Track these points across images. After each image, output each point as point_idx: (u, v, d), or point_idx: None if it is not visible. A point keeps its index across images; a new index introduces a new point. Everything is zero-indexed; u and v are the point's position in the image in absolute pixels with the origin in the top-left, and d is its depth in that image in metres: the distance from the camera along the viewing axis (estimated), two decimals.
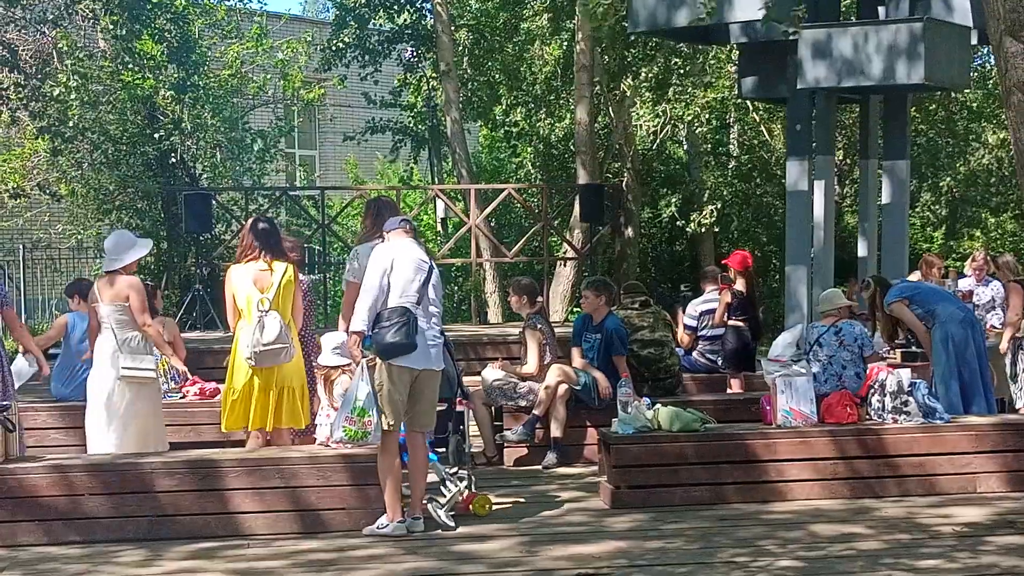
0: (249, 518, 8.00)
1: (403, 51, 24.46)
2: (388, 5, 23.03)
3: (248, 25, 22.23)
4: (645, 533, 7.86)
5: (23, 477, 7.94)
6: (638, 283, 12.77)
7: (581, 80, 20.99)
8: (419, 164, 26.78)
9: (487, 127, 26.86)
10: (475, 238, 19.32)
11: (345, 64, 23.29)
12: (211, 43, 21.59)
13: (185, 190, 18.71)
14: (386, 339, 7.74)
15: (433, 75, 23.92)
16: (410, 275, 7.89)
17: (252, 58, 21.57)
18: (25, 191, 20.47)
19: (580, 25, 20.45)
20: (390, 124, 23.92)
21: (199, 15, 21.08)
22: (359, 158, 29.97)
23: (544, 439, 10.19)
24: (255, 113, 23.31)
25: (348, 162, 30.54)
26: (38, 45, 20.02)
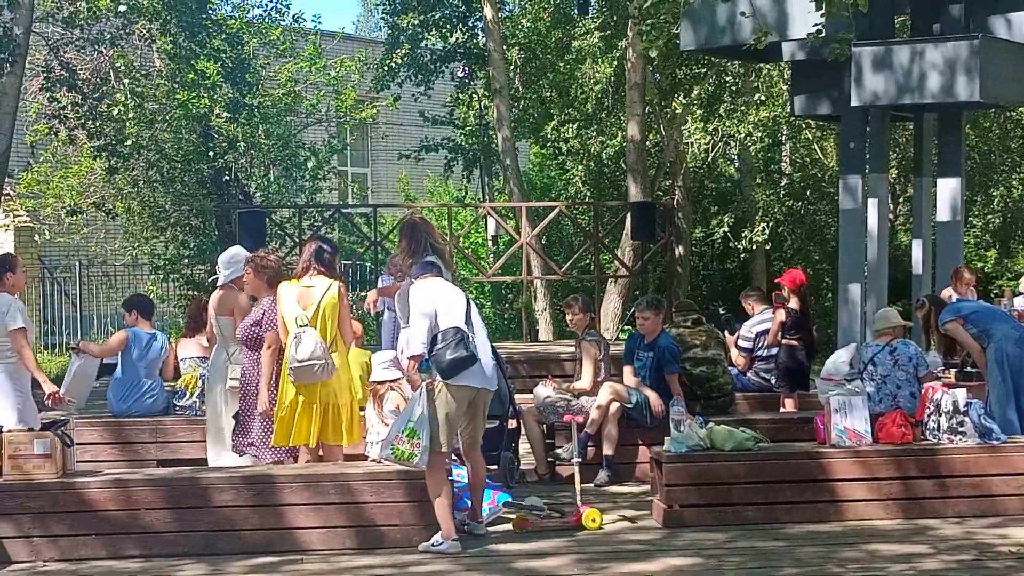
0: (305, 533, 8.06)
1: (455, 69, 24.57)
2: (441, 24, 23.14)
3: (302, 44, 22.42)
4: (701, 552, 7.84)
5: (82, 491, 8.03)
6: (690, 301, 12.77)
7: (632, 98, 21.01)
8: (471, 182, 26.88)
9: (538, 145, 26.92)
10: (526, 256, 19.37)
11: (398, 83, 23.42)
12: (265, 62, 21.79)
13: (239, 208, 18.88)
14: (447, 357, 7.80)
15: (485, 93, 24.02)
16: (453, 300, 8.07)
17: (306, 77, 21.74)
18: (81, 209, 20.70)
19: (632, 43, 20.47)
20: (442, 142, 24.04)
21: (254, 35, 21.27)
22: (410, 176, 30.11)
23: (596, 457, 10.19)
24: (308, 131, 23.49)
25: (400, 180, 30.68)
26: (95, 65, 20.27)
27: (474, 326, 8.10)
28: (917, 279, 16.34)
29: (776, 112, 22.31)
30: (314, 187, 22.06)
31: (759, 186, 25.33)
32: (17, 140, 17.66)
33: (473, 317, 8.13)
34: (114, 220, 21.51)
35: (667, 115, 23.44)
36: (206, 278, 19.99)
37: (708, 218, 25.66)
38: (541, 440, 10.43)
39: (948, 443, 8.92)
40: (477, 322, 8.16)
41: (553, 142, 25.17)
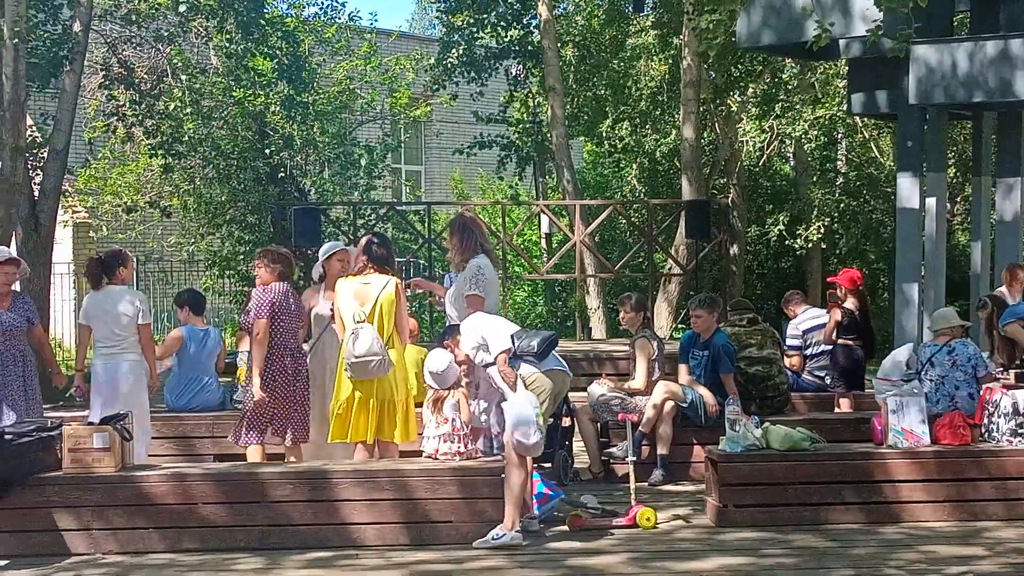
0: (360, 529, 8.09)
1: (510, 67, 24.58)
2: (495, 22, 23.17)
3: (358, 43, 22.51)
4: (756, 551, 7.81)
5: (141, 485, 8.11)
6: (746, 300, 12.69)
7: (687, 96, 20.93)
8: (524, 180, 26.90)
9: (592, 143, 26.89)
10: (579, 254, 19.34)
11: (453, 81, 23.47)
12: (321, 60, 21.90)
13: (294, 205, 19.00)
14: (534, 341, 8.09)
15: (539, 91, 24.01)
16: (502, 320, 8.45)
17: (361, 75, 21.83)
18: (139, 206, 20.90)
19: (687, 41, 20.40)
20: (496, 140, 24.07)
21: (309, 33, 21.39)
22: (464, 174, 30.17)
23: (650, 456, 10.17)
24: (363, 129, 23.58)
25: (453, 178, 30.75)
26: (153, 62, 20.47)
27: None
28: (975, 279, 16.18)
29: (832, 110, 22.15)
30: (368, 184, 22.15)
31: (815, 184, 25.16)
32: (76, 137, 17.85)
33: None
34: (170, 217, 21.70)
35: (722, 113, 23.34)
36: None
37: (763, 217, 25.52)
38: (595, 438, 10.42)
39: (1008, 445, 8.83)
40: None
41: (607, 140, 25.14)
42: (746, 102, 22.60)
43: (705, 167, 23.26)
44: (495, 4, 23.09)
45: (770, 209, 25.34)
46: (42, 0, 16.79)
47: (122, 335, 9.46)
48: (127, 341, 9.48)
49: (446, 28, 23.72)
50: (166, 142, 19.01)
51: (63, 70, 15.95)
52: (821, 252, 24.95)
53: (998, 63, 13.75)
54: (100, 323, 9.50)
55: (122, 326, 9.44)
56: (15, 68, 14.21)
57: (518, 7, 23.25)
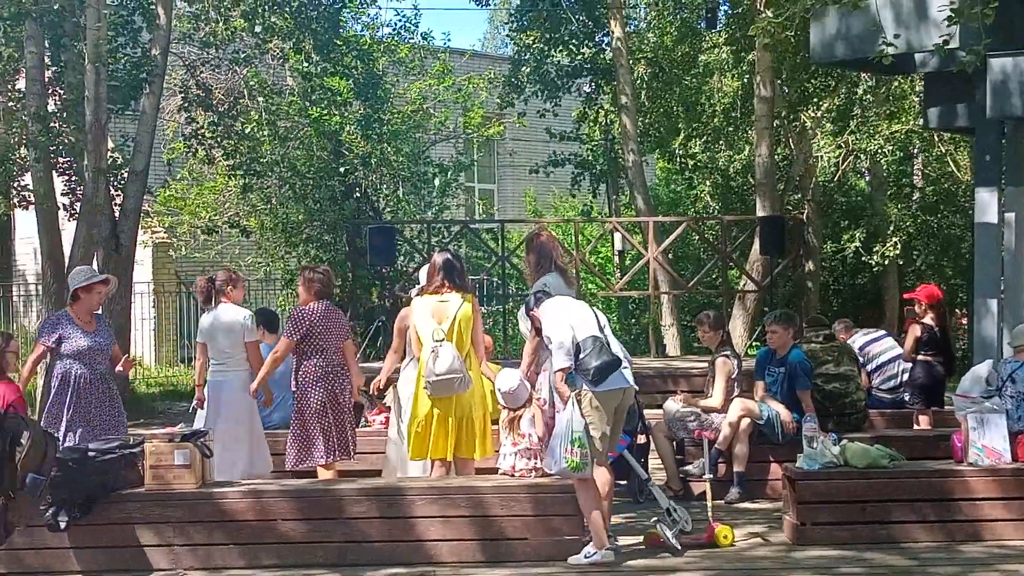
0: (436, 545, 8.13)
1: (582, 85, 24.60)
2: (567, 40, 23.21)
3: (431, 62, 22.66)
4: (833, 570, 7.75)
5: (220, 501, 8.21)
6: (822, 316, 12.62)
7: (761, 112, 20.83)
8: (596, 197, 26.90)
9: (665, 160, 26.82)
10: (653, 271, 19.30)
11: (524, 100, 23.54)
12: (395, 80, 22.06)
13: (369, 223, 19.14)
14: (592, 363, 7.88)
15: (611, 108, 24.01)
16: (581, 314, 8.13)
17: (434, 94, 21.97)
18: (217, 226, 21.17)
19: (759, 56, 20.31)
20: (569, 157, 24.10)
21: (383, 53, 21.56)
22: (537, 191, 30.22)
23: (727, 473, 10.12)
24: (436, 148, 23.71)
25: (527, 195, 30.82)
26: (230, 84, 20.75)
27: (607, 332, 8.19)
28: None
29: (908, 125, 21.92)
30: (442, 203, 22.27)
31: (890, 200, 24.90)
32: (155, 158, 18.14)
33: (604, 325, 8.21)
34: (248, 237, 21.95)
35: (796, 128, 23.19)
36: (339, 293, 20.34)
37: (838, 233, 25.29)
38: (672, 455, 10.39)
39: None
40: (608, 329, 8.24)
41: (680, 157, 25.06)
42: (820, 117, 22.44)
43: (779, 183, 23.11)
44: (567, 22, 23.13)
45: (846, 225, 25.10)
46: (122, 24, 17.09)
47: (230, 352, 9.86)
48: (235, 358, 9.86)
49: (518, 46, 23.80)
50: (244, 162, 19.25)
51: (143, 93, 16.22)
52: (898, 268, 24.67)
53: None
54: (215, 340, 9.88)
55: (233, 343, 9.83)
56: (96, 91, 14.48)
57: (590, 25, 23.28)
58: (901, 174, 26.24)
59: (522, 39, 23.32)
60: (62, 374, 9.08)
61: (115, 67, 16.22)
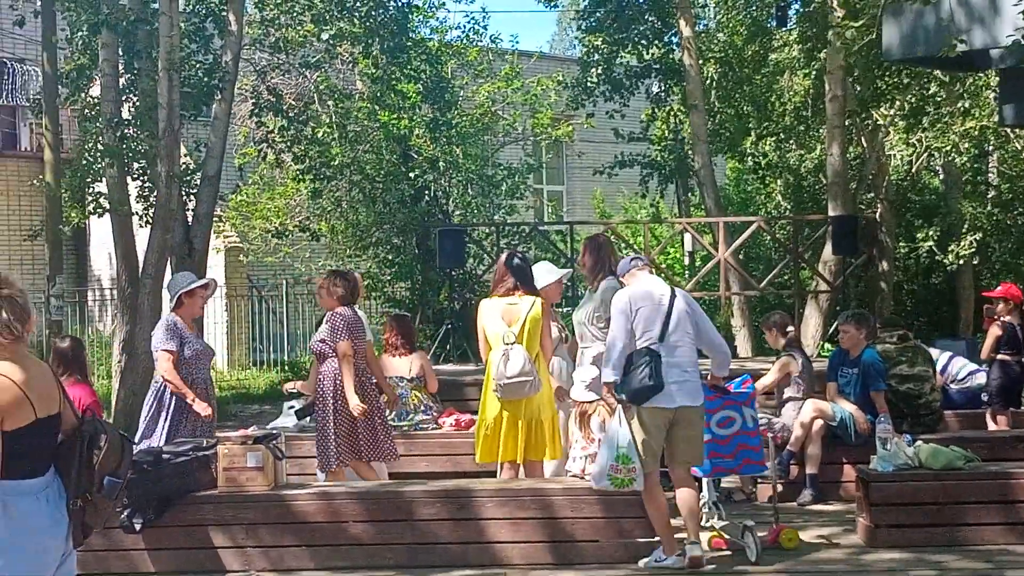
0: (505, 547, 8.13)
1: (651, 86, 24.51)
2: (636, 41, 23.13)
3: (499, 64, 22.69)
4: (906, 573, 7.66)
5: (292, 503, 8.28)
6: (896, 317, 12.51)
7: (832, 110, 20.63)
8: (666, 198, 26.78)
9: (735, 159, 26.65)
10: (724, 271, 19.18)
11: (592, 101, 23.49)
12: (463, 83, 22.11)
13: (438, 226, 19.19)
14: (632, 384, 7.68)
15: (681, 109, 23.91)
16: (650, 314, 7.80)
17: (503, 96, 21.99)
18: (288, 230, 21.35)
19: (830, 55, 20.12)
20: (637, 158, 24.01)
21: (452, 56, 21.62)
22: (606, 193, 30.16)
23: (799, 475, 10.04)
24: (505, 150, 23.73)
25: (594, 197, 30.76)
26: (300, 89, 20.89)
27: (678, 329, 7.82)
28: None
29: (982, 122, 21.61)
30: (511, 205, 22.28)
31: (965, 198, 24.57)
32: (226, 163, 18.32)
33: (676, 323, 7.81)
34: (318, 241, 22.08)
35: (868, 127, 22.94)
36: (408, 296, 20.41)
37: (912, 232, 24.98)
38: None
39: None
40: (683, 322, 7.85)
41: (750, 156, 24.89)
42: (893, 116, 22.18)
43: (851, 182, 22.88)
44: (636, 22, 23.05)
45: (919, 224, 24.79)
46: (195, 31, 17.28)
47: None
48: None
49: (586, 47, 23.76)
50: (313, 166, 19.37)
51: (215, 99, 16.37)
52: (973, 267, 24.33)
53: None
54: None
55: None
56: (169, 98, 14.64)
57: (659, 25, 23.18)
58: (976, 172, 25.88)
59: (590, 40, 23.27)
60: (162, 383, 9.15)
61: (188, 74, 16.37)
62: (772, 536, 8.38)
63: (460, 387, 12.93)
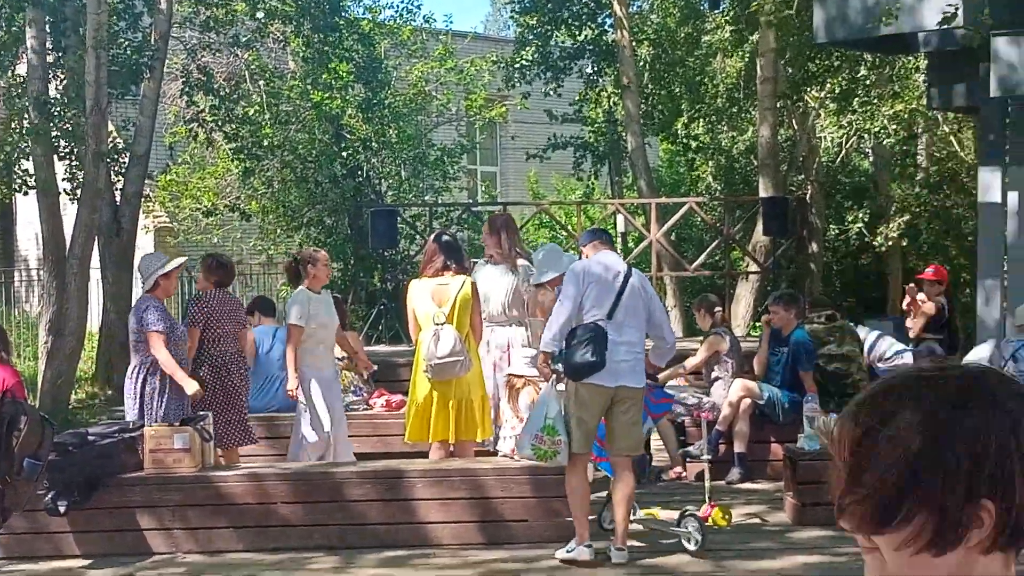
0: (435, 528, 8.13)
1: (584, 67, 24.54)
2: (569, 22, 23.14)
3: (433, 44, 22.62)
4: (832, 549, 7.73)
5: (219, 485, 8.21)
6: (824, 298, 12.63)
7: (763, 92, 20.77)
8: (599, 179, 26.84)
9: (667, 141, 26.77)
10: (655, 252, 19.26)
11: (527, 81, 23.49)
12: (397, 63, 22.02)
13: (371, 206, 19.12)
14: (574, 358, 7.47)
15: (614, 90, 23.95)
16: (602, 290, 7.66)
17: (436, 77, 21.93)
18: (218, 210, 21.16)
19: (762, 37, 20.24)
20: (571, 140, 24.05)
21: (385, 36, 21.52)
22: (540, 174, 30.17)
23: (728, 454, 10.11)
24: (438, 131, 23.67)
25: (528, 178, 30.77)
26: (231, 68, 20.70)
27: (628, 308, 7.64)
28: None
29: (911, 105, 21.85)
30: (444, 186, 22.23)
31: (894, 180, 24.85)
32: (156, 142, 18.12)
33: (627, 302, 7.66)
34: (249, 221, 21.93)
35: (799, 109, 23.12)
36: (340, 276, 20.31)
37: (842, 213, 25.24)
38: (674, 438, 10.37)
39: None
40: (634, 301, 7.68)
41: (683, 138, 25.01)
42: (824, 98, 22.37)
43: (782, 164, 23.06)
44: (570, 3, 23.06)
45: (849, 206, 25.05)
46: (123, 8, 17.05)
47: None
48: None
49: (520, 28, 23.74)
50: (245, 146, 19.23)
51: (143, 77, 16.18)
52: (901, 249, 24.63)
53: None
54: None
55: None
56: (96, 75, 14.44)
57: (592, 6, 23.21)
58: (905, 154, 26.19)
59: (524, 20, 23.26)
60: (152, 361, 8.97)
61: (116, 52, 16.17)
62: (704, 515, 8.42)
63: (393, 368, 12.90)
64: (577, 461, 7.64)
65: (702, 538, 7.75)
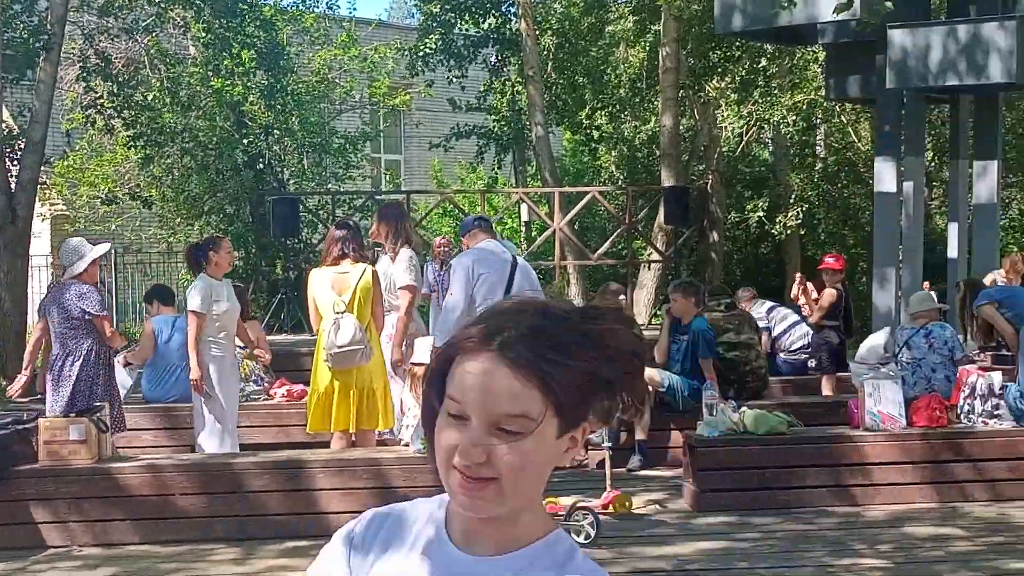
0: (337, 518, 8.07)
1: (488, 56, 24.54)
2: (473, 10, 23.12)
3: (337, 31, 22.46)
4: (732, 535, 7.83)
5: (117, 477, 8.09)
6: (723, 286, 12.76)
7: (666, 83, 20.93)
8: (503, 168, 26.88)
9: (571, 131, 26.86)
10: (559, 241, 19.34)
11: (431, 69, 23.43)
12: (299, 49, 21.84)
13: (273, 194, 18.95)
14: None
15: (518, 80, 23.98)
16: (494, 281, 7.67)
17: (340, 64, 21.79)
18: (117, 198, 20.84)
19: (664, 27, 20.39)
20: (475, 129, 24.05)
21: (287, 22, 21.33)
22: (444, 162, 30.13)
23: (628, 442, 10.19)
24: (342, 118, 23.53)
25: (432, 166, 30.71)
26: (130, 53, 20.37)
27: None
28: (953, 263, 16.24)
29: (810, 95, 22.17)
30: (347, 174, 22.11)
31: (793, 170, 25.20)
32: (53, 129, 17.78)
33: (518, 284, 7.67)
34: (149, 209, 21.63)
35: (701, 99, 23.34)
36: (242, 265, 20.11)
37: (742, 203, 25.54)
38: None
39: (983, 426, 8.87)
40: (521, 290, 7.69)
41: (586, 128, 25.12)
42: (725, 88, 22.60)
43: (684, 154, 23.27)
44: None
45: (749, 195, 25.36)
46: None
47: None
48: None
49: (424, 16, 23.67)
50: (144, 132, 18.94)
51: (39, 62, 15.85)
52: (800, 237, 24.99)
53: (974, 47, 13.80)
54: None
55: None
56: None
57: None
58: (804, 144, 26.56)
59: (428, 8, 23.19)
60: (96, 349, 8.83)
61: (11, 35, 15.82)
62: (606, 502, 8.49)
63: (295, 357, 12.82)
64: None
65: (595, 532, 7.78)
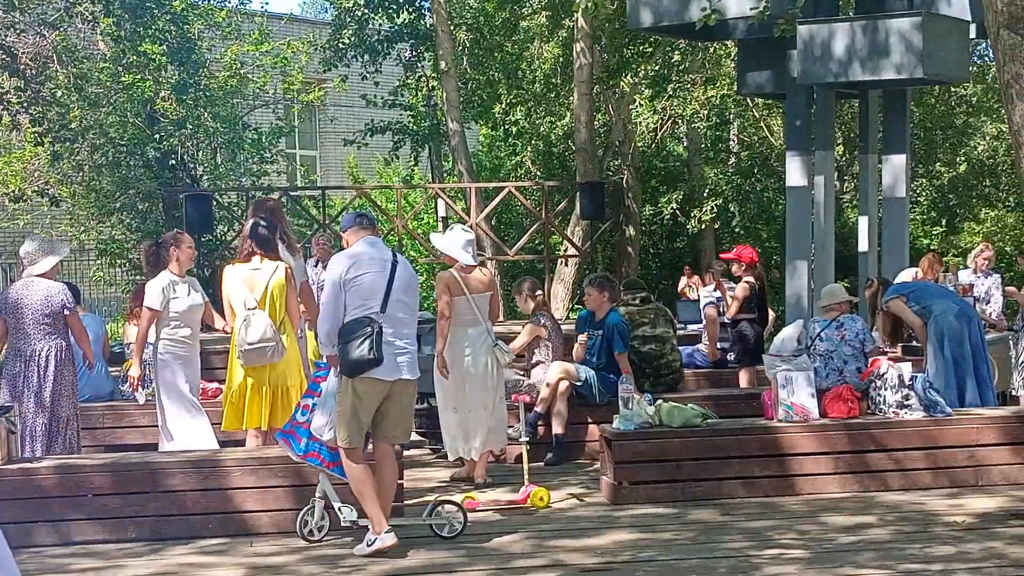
0: (255, 516, 8.02)
1: (402, 51, 24.47)
2: (387, 5, 23.03)
3: (249, 26, 22.26)
4: (650, 527, 7.88)
5: (27, 478, 7.95)
6: (639, 280, 12.82)
7: (580, 78, 21.02)
8: (419, 164, 26.84)
9: (487, 126, 26.89)
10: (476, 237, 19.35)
11: (345, 64, 23.31)
12: (211, 45, 21.62)
13: (186, 191, 18.76)
14: (351, 356, 7.15)
15: (433, 75, 23.94)
16: (373, 281, 7.36)
17: (252, 59, 21.61)
18: (26, 195, 20.51)
19: (579, 23, 20.47)
20: (390, 124, 23.96)
21: (199, 17, 21.10)
22: (360, 158, 30.00)
23: (546, 436, 10.21)
24: (256, 114, 23.33)
25: (348, 162, 30.57)
26: (37, 48, 20.04)
27: (398, 300, 7.37)
28: (863, 256, 16.48)
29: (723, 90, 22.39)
30: (261, 170, 21.95)
31: (707, 165, 25.45)
32: None
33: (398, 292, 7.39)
34: (59, 206, 21.30)
35: (615, 95, 23.47)
36: None
37: (657, 197, 25.73)
38: None
39: (894, 416, 9.01)
40: (405, 293, 7.44)
41: (502, 123, 25.16)
42: (638, 83, 22.75)
43: (599, 149, 23.39)
44: None
45: (664, 190, 25.57)
46: None
47: None
48: None
49: (337, 10, 23.54)
50: (52, 129, 18.65)
51: None
52: (714, 231, 25.25)
53: (882, 43, 14.01)
54: None
55: None
56: None
57: None
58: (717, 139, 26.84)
59: (341, 3, 23.07)
60: (67, 345, 8.93)
61: None
62: (524, 497, 8.51)
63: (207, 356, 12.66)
64: (354, 454, 7.34)
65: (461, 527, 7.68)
